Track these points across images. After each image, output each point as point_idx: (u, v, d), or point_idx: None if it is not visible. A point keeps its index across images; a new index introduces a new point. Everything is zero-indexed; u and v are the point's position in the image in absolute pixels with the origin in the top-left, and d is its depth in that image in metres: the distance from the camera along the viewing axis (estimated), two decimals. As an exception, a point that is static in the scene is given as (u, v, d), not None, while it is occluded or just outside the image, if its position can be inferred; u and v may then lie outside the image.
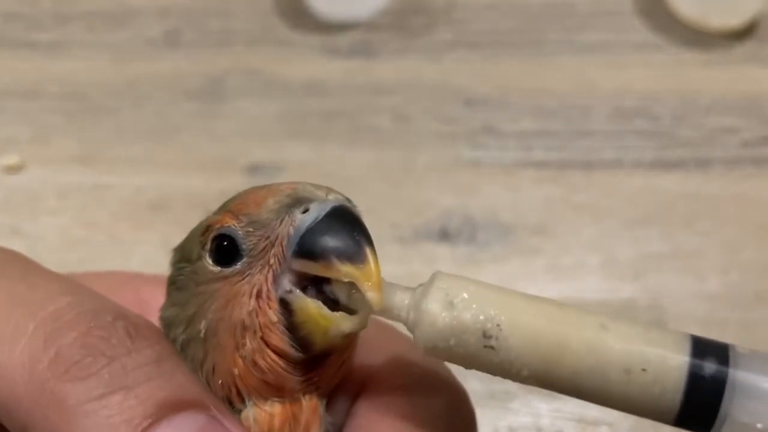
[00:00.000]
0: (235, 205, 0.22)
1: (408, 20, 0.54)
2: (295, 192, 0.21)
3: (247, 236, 0.21)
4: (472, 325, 0.19)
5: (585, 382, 0.19)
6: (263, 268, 0.21)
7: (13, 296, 0.21)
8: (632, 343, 0.18)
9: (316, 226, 0.20)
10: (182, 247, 0.23)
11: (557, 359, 0.19)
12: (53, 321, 0.20)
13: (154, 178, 0.47)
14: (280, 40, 0.53)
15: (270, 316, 0.20)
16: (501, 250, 0.44)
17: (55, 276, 0.23)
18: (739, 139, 0.49)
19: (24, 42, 0.53)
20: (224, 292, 0.21)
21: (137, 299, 0.26)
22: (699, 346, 0.18)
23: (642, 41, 0.53)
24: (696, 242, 0.44)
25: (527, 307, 0.19)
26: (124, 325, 0.21)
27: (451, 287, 0.20)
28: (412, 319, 0.20)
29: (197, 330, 0.21)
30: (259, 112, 0.50)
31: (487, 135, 0.49)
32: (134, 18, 0.55)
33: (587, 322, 0.19)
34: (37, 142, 0.48)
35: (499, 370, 0.20)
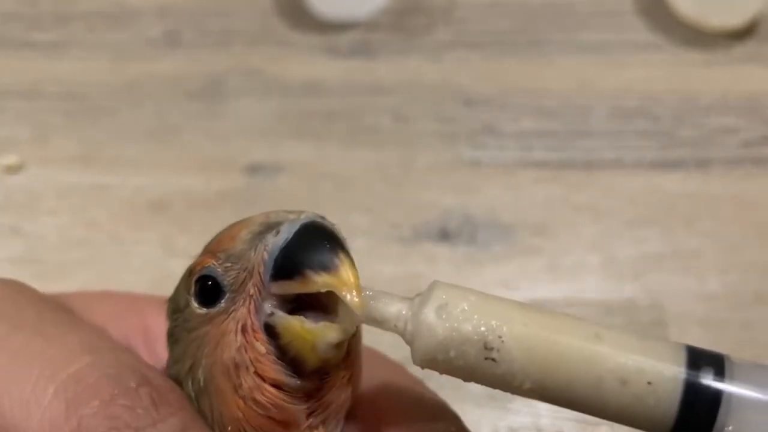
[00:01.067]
0: (213, 245, 0.22)
1: (408, 20, 0.54)
2: (266, 219, 0.21)
3: (226, 272, 0.21)
4: (473, 336, 0.19)
5: (582, 393, 0.19)
6: (245, 300, 0.20)
7: (30, 352, 0.20)
8: (627, 353, 0.18)
9: (288, 245, 0.20)
10: (173, 298, 0.23)
11: (556, 371, 0.18)
12: (75, 384, 0.20)
13: (154, 178, 0.47)
14: (280, 40, 0.53)
15: (258, 349, 0.20)
16: (501, 250, 0.44)
17: (70, 323, 0.22)
18: (739, 139, 0.49)
19: (24, 42, 0.53)
20: (213, 334, 0.21)
21: (142, 326, 0.26)
22: (694, 356, 0.18)
23: (642, 41, 0.53)
24: (696, 242, 0.44)
25: (526, 318, 0.19)
26: (148, 392, 0.20)
27: (451, 297, 0.20)
28: (410, 331, 0.20)
29: (198, 380, 0.21)
30: (259, 112, 0.50)
31: (487, 135, 0.49)
32: (134, 18, 0.55)
33: (583, 332, 0.19)
34: (37, 142, 0.48)
35: (500, 383, 0.19)
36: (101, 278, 0.43)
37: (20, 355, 0.20)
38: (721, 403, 0.18)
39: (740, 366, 0.18)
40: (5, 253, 0.44)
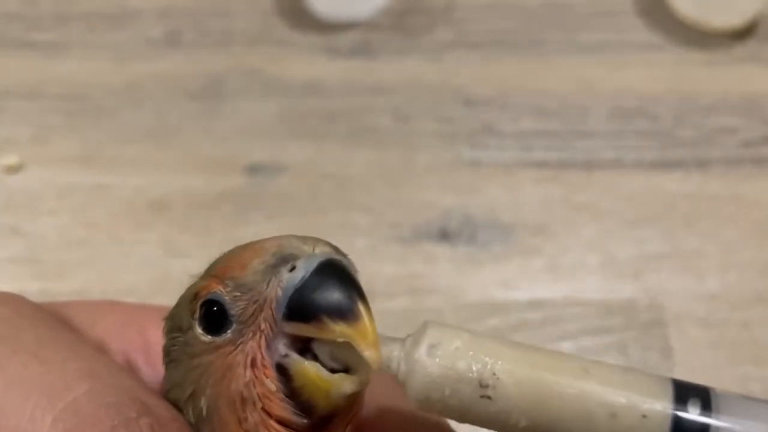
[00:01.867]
0: (220, 269, 0.21)
1: (408, 20, 0.54)
2: (280, 249, 0.20)
3: (234, 301, 0.20)
4: (468, 374, 0.19)
5: (575, 428, 0.19)
6: (255, 334, 0.20)
7: (27, 378, 0.20)
8: (616, 388, 0.18)
9: (305, 285, 0.19)
10: (173, 316, 0.22)
11: (549, 407, 0.18)
12: (73, 415, 0.19)
13: (154, 178, 0.47)
14: (280, 40, 0.53)
15: (268, 386, 0.20)
16: (501, 250, 0.44)
17: (69, 346, 0.22)
18: (739, 139, 0.49)
19: (24, 42, 0.53)
20: (218, 364, 0.20)
21: (143, 342, 0.25)
22: (681, 390, 0.19)
23: (642, 41, 0.53)
24: (696, 242, 0.44)
25: (517, 355, 0.19)
26: (149, 423, 0.20)
27: (444, 336, 0.19)
28: (404, 371, 0.19)
29: (200, 409, 0.21)
30: (259, 112, 0.50)
31: (487, 135, 0.49)
32: (134, 18, 0.55)
33: (572, 368, 0.19)
34: (37, 142, 0.48)
35: (496, 421, 0.19)
36: (101, 278, 0.43)
37: (17, 381, 0.20)
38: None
39: (725, 398, 0.19)
40: (5, 253, 0.44)
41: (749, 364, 0.40)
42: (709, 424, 0.18)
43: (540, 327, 0.41)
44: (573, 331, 0.41)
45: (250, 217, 0.45)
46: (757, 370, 0.40)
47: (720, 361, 0.40)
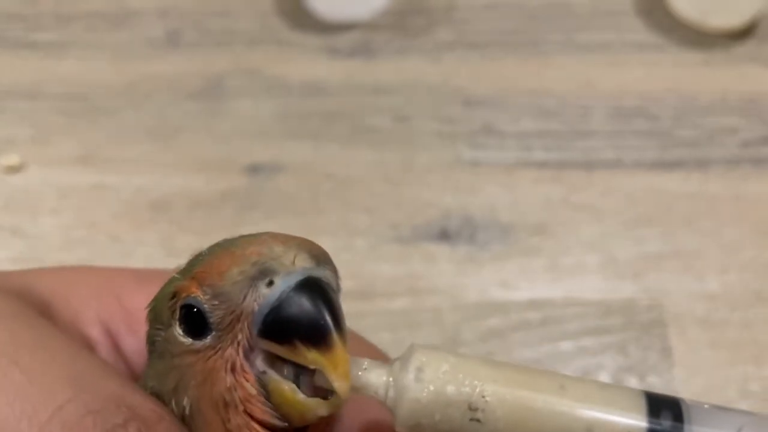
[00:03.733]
0: (200, 272, 0.21)
1: (408, 20, 0.54)
2: (260, 260, 0.20)
3: (213, 309, 0.20)
4: (457, 397, 0.19)
5: None
6: (233, 341, 0.20)
7: (8, 388, 0.20)
8: (591, 403, 0.19)
9: (281, 305, 0.19)
10: (155, 308, 0.22)
11: (531, 425, 0.19)
12: (60, 427, 0.19)
13: (154, 178, 0.47)
14: (280, 40, 0.53)
15: (248, 389, 0.20)
16: (501, 250, 0.44)
17: (47, 346, 0.21)
18: (739, 139, 0.49)
19: (24, 42, 0.53)
20: (200, 368, 0.21)
21: (121, 310, 0.25)
22: (654, 403, 0.19)
23: (642, 41, 0.53)
24: (696, 242, 0.44)
25: (502, 375, 0.19)
26: (137, 428, 0.20)
27: (431, 360, 0.19)
28: (392, 397, 0.20)
29: (183, 407, 0.21)
30: (259, 112, 0.50)
31: (486, 135, 0.49)
32: (134, 18, 0.55)
33: (549, 385, 0.19)
34: (38, 143, 0.48)
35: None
36: (102, 278, 0.43)
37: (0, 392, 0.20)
38: None
39: (696, 409, 0.19)
40: (5, 253, 0.44)
41: (749, 364, 0.40)
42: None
43: (540, 327, 0.41)
44: (573, 331, 0.41)
45: (250, 217, 0.45)
46: (757, 370, 0.40)
47: (720, 361, 0.40)
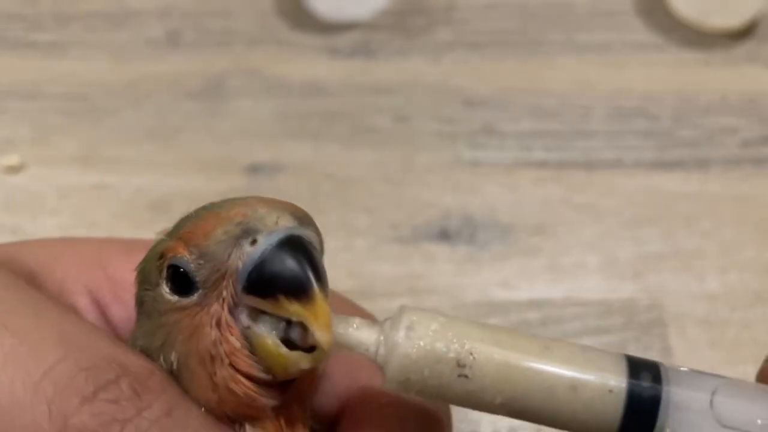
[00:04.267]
0: (186, 233, 0.22)
1: (408, 20, 0.54)
2: (244, 220, 0.21)
3: (198, 268, 0.21)
4: (446, 354, 0.20)
5: (540, 404, 0.20)
6: (218, 298, 0.21)
7: (1, 353, 0.20)
8: (574, 362, 0.20)
9: (263, 261, 0.20)
10: (143, 269, 0.23)
11: (518, 384, 0.20)
12: (52, 385, 0.20)
13: (154, 178, 0.47)
14: (280, 40, 0.53)
15: (233, 343, 0.21)
16: (501, 250, 0.44)
17: (36, 308, 0.22)
18: (739, 139, 0.49)
19: (24, 42, 0.53)
20: (186, 324, 0.21)
21: (107, 279, 0.26)
22: (634, 365, 0.20)
23: (642, 41, 0.53)
24: (696, 242, 0.44)
25: (490, 335, 0.20)
26: (129, 382, 0.20)
27: (421, 320, 0.20)
28: (382, 354, 0.20)
29: (170, 362, 0.21)
30: (259, 112, 0.50)
31: (486, 135, 0.49)
32: (134, 18, 0.55)
33: (534, 346, 0.20)
34: (37, 143, 0.48)
35: (473, 400, 0.20)
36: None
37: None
38: (659, 406, 0.19)
39: (674, 372, 0.20)
40: (6, 253, 0.44)
41: (749, 364, 0.40)
42: (659, 395, 0.20)
43: (540, 327, 0.41)
44: (573, 331, 0.41)
45: (250, 217, 0.45)
46: (757, 370, 0.40)
47: (720, 361, 0.40)
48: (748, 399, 0.20)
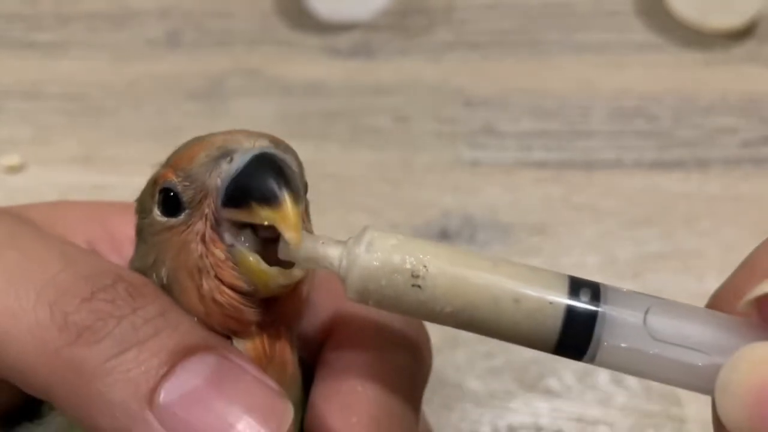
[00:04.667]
0: (174, 160, 0.24)
1: (408, 20, 0.54)
2: (224, 144, 0.23)
3: (185, 190, 0.23)
4: (402, 266, 0.21)
5: (485, 314, 0.21)
6: (202, 216, 0.22)
7: (6, 266, 0.22)
8: (519, 279, 0.22)
9: (238, 175, 0.22)
10: (140, 199, 0.25)
11: (466, 294, 0.21)
12: (54, 288, 0.21)
13: (154, 178, 0.47)
14: (280, 40, 0.54)
15: (218, 255, 0.22)
16: (501, 250, 0.44)
17: (40, 235, 0.24)
18: (739, 139, 0.49)
19: (24, 42, 0.54)
20: (174, 242, 0.23)
21: (105, 232, 0.28)
22: (575, 283, 0.22)
23: (642, 41, 0.53)
24: (695, 242, 0.44)
25: (443, 252, 0.22)
26: (125, 287, 0.22)
27: (381, 236, 0.22)
28: (344, 266, 0.22)
29: (161, 278, 0.23)
30: (259, 112, 0.50)
31: (486, 135, 0.49)
32: (134, 18, 0.55)
33: (484, 263, 0.22)
34: (38, 143, 0.49)
35: (424, 309, 0.22)
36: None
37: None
38: (596, 321, 0.21)
39: (613, 291, 0.22)
40: (6, 253, 0.44)
41: (749, 363, 0.40)
42: (597, 310, 0.21)
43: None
44: (573, 331, 0.41)
45: (250, 217, 0.45)
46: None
47: (720, 360, 0.40)
48: (682, 318, 0.21)
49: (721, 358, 0.20)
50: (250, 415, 0.21)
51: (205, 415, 0.21)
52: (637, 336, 0.21)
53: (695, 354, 0.21)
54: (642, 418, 0.39)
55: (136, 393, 0.20)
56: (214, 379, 0.21)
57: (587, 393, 0.40)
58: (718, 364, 0.20)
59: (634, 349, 0.21)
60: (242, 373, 0.22)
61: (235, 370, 0.21)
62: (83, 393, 0.20)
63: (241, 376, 0.21)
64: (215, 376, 0.21)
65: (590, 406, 0.39)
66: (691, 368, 0.21)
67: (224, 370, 0.21)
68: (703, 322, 0.21)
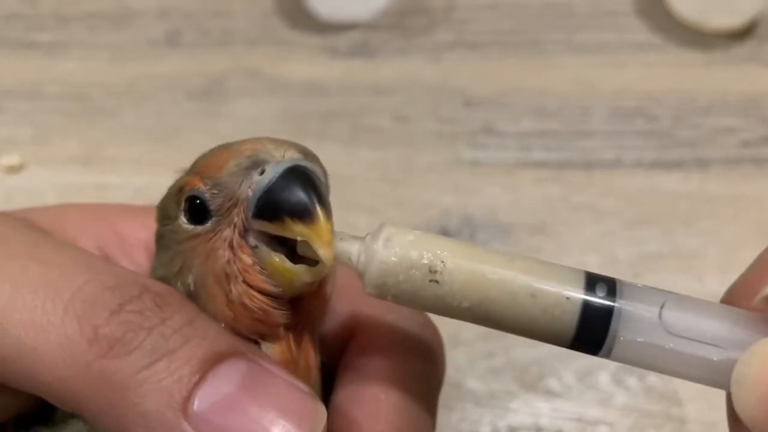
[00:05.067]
0: (201, 167, 0.24)
1: (408, 20, 0.54)
2: (254, 153, 0.23)
3: (213, 198, 0.23)
4: (419, 261, 0.22)
5: (502, 308, 0.22)
6: (230, 225, 0.22)
7: (30, 278, 0.22)
8: (536, 273, 0.22)
9: (271, 188, 0.22)
10: (162, 206, 0.25)
11: (482, 289, 0.22)
12: (81, 302, 0.21)
13: (154, 178, 0.46)
14: (280, 40, 0.54)
15: (245, 260, 0.22)
16: (501, 249, 0.44)
17: (58, 245, 0.24)
18: (739, 139, 0.49)
19: (24, 42, 0.54)
20: (201, 249, 0.23)
21: (115, 236, 0.28)
22: (592, 279, 0.22)
23: (642, 41, 0.53)
24: (695, 242, 0.44)
25: (460, 248, 0.22)
26: (152, 297, 0.22)
27: (399, 232, 0.22)
28: (363, 261, 0.22)
29: (188, 285, 0.23)
30: (259, 112, 0.50)
31: (486, 135, 0.49)
32: (134, 18, 0.55)
33: (500, 259, 0.22)
34: (38, 143, 0.49)
35: (441, 304, 0.22)
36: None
37: (22, 284, 0.22)
38: (612, 316, 0.21)
39: (629, 286, 0.22)
40: (6, 253, 0.44)
41: (749, 363, 0.40)
42: (613, 305, 0.21)
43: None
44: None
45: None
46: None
47: (720, 360, 0.40)
48: (697, 313, 0.21)
49: (736, 352, 0.20)
50: (284, 418, 0.21)
51: (239, 420, 0.21)
52: (652, 331, 0.21)
53: (710, 348, 0.21)
54: (642, 418, 0.39)
55: (170, 402, 0.20)
56: (245, 384, 0.21)
57: (587, 393, 0.40)
58: (733, 359, 0.20)
59: (650, 344, 0.21)
60: (272, 377, 0.22)
61: (265, 375, 0.22)
62: (117, 405, 0.21)
63: (271, 380, 0.22)
64: (247, 382, 0.21)
65: (590, 406, 0.39)
66: (707, 363, 0.21)
67: (255, 375, 0.22)
68: (717, 317, 0.21)
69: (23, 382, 0.21)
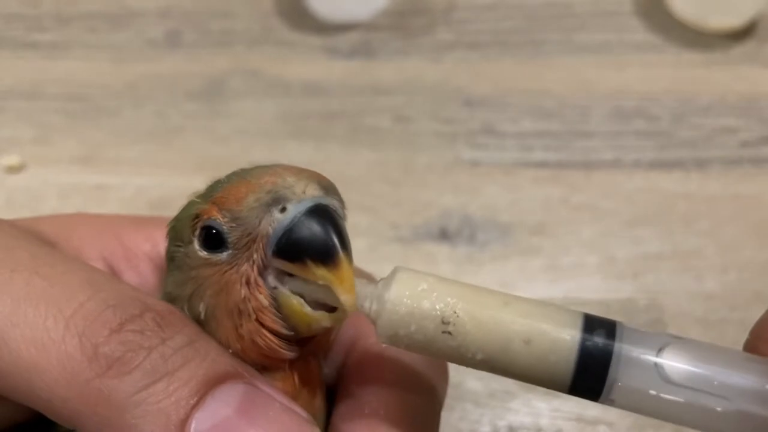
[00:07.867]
0: (219, 198, 0.23)
1: (408, 20, 0.54)
2: (274, 188, 0.22)
3: (231, 231, 0.22)
4: (432, 312, 0.21)
5: (498, 355, 0.21)
6: (248, 259, 0.22)
7: (33, 294, 0.22)
8: (531, 317, 0.21)
9: (293, 228, 0.22)
10: (175, 227, 0.25)
11: (495, 336, 0.21)
12: (83, 319, 0.21)
13: (154, 178, 0.47)
14: (280, 41, 0.54)
15: (261, 301, 0.22)
16: (500, 249, 0.44)
17: (62, 259, 0.23)
18: (738, 139, 0.49)
19: (25, 42, 0.54)
20: (216, 279, 0.23)
21: (121, 247, 0.28)
22: (590, 322, 0.21)
23: (641, 41, 0.53)
24: (695, 242, 0.44)
25: (472, 295, 0.21)
26: (152, 317, 0.22)
27: (411, 279, 0.22)
28: (375, 310, 0.22)
29: (197, 311, 0.23)
30: (259, 112, 0.50)
31: (486, 135, 0.49)
32: (135, 19, 0.55)
33: (495, 301, 0.21)
34: (38, 143, 0.49)
35: (455, 355, 0.21)
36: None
37: (25, 298, 0.21)
38: (611, 361, 0.20)
39: (629, 330, 0.21)
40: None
41: (748, 363, 0.40)
42: (611, 350, 0.20)
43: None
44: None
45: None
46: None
47: (719, 360, 0.40)
48: (700, 360, 0.20)
49: (741, 402, 0.19)
50: None
51: None
52: (651, 378, 0.20)
53: (716, 399, 0.20)
54: (642, 418, 0.39)
55: (168, 424, 0.20)
56: (243, 407, 0.21)
57: (587, 393, 0.40)
58: (738, 409, 0.19)
59: (650, 394, 0.20)
60: (271, 401, 0.22)
61: (263, 399, 0.22)
62: (114, 425, 0.20)
63: (270, 404, 0.22)
64: (245, 405, 0.21)
65: (590, 406, 0.39)
66: (710, 413, 0.20)
67: (253, 399, 0.21)
68: (723, 363, 0.20)
69: (22, 396, 0.21)
